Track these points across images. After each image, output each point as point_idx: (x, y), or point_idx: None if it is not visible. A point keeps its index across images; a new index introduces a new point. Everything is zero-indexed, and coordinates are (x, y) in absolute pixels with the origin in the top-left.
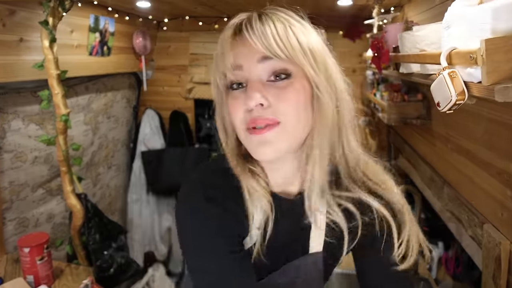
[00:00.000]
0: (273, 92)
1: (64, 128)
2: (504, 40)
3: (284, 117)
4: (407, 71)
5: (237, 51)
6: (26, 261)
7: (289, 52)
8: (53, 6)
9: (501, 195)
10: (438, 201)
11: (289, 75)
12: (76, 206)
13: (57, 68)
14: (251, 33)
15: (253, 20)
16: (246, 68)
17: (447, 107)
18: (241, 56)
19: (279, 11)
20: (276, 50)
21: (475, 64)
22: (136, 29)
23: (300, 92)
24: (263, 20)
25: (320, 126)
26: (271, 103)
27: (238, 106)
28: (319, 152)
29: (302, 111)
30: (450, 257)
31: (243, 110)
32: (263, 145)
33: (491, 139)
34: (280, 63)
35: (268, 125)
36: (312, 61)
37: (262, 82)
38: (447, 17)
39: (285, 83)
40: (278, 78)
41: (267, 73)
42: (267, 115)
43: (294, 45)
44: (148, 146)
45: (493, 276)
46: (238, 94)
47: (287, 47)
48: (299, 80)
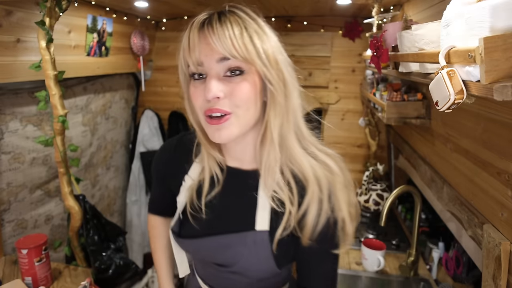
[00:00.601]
0: (228, 87)
1: (61, 129)
2: (502, 38)
3: (237, 109)
4: (406, 70)
5: (200, 49)
6: (24, 263)
7: (244, 54)
8: (50, 6)
9: (501, 195)
10: (438, 201)
11: (243, 72)
12: (74, 207)
13: (54, 68)
14: (211, 34)
15: (214, 21)
16: (207, 65)
17: (445, 106)
18: (202, 54)
19: (237, 9)
20: (233, 52)
21: (474, 63)
22: (134, 29)
23: (252, 87)
24: (222, 21)
25: (272, 115)
26: (226, 96)
27: (199, 95)
28: (271, 136)
29: (253, 102)
30: (450, 258)
31: (202, 99)
32: (218, 131)
33: (491, 138)
34: (235, 62)
35: (223, 115)
36: (265, 61)
37: (219, 77)
38: (446, 15)
39: (239, 79)
40: (233, 74)
41: (223, 70)
42: (222, 107)
43: (249, 47)
44: (147, 147)
45: (493, 277)
46: (199, 84)
47: (242, 50)
48: (251, 75)
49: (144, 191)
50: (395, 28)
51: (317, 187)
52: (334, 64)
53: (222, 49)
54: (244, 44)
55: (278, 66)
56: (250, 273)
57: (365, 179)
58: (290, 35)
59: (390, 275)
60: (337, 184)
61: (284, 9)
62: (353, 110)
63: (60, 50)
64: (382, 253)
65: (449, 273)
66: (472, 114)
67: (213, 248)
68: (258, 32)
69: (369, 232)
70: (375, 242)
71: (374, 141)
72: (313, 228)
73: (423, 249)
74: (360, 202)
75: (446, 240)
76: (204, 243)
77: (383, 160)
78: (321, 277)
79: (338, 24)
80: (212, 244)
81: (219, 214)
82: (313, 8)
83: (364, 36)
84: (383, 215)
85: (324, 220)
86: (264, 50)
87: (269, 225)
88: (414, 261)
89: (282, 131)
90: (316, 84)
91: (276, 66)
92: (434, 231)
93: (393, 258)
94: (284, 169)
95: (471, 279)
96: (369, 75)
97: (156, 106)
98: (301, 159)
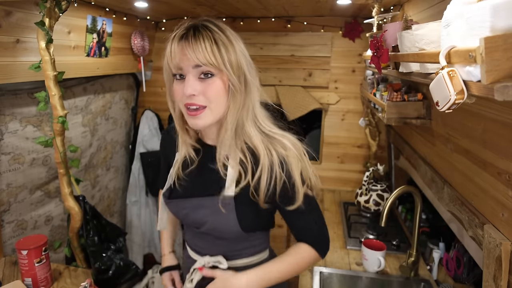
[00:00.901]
0: (202, 86)
1: (61, 130)
2: (503, 38)
3: (209, 103)
4: (407, 71)
5: (179, 56)
6: (24, 264)
7: (213, 62)
8: (50, 6)
9: (501, 195)
10: (439, 201)
11: (213, 75)
12: (74, 208)
13: (54, 69)
14: (187, 47)
15: (190, 36)
16: (185, 70)
17: (446, 106)
18: (181, 61)
19: (210, 23)
20: (204, 61)
21: (474, 63)
22: (134, 30)
23: (220, 86)
24: (196, 36)
25: (232, 107)
26: (200, 93)
27: (180, 91)
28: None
29: (221, 98)
30: (451, 258)
31: (182, 94)
32: (195, 120)
33: (492, 138)
34: (206, 68)
35: (198, 108)
36: (229, 68)
37: (195, 78)
38: (446, 15)
39: (210, 80)
40: (206, 76)
41: (198, 73)
42: (198, 102)
43: (217, 57)
44: (147, 147)
45: (494, 277)
46: (179, 82)
47: (212, 59)
48: (220, 77)
49: (144, 191)
50: (395, 28)
51: (267, 158)
52: (334, 64)
53: (195, 59)
54: (213, 55)
55: (240, 70)
56: (218, 233)
57: (365, 179)
58: (290, 35)
59: (391, 276)
60: (290, 155)
61: (284, 9)
62: (353, 111)
63: (59, 51)
64: (383, 254)
65: (450, 274)
66: (472, 114)
67: (189, 208)
68: (225, 43)
69: (369, 233)
70: (375, 242)
71: (375, 142)
72: (266, 191)
73: (424, 249)
74: (360, 202)
75: (447, 240)
76: (183, 204)
77: (383, 160)
78: (306, 229)
79: (338, 24)
80: (189, 205)
81: (196, 181)
82: (313, 8)
83: (364, 36)
84: (383, 216)
85: (280, 184)
86: (228, 58)
87: (234, 191)
88: (415, 262)
89: (239, 118)
90: (316, 84)
91: (238, 71)
92: (435, 232)
93: (394, 258)
94: (243, 146)
95: (471, 279)
96: (369, 75)
97: (156, 106)
98: (254, 138)
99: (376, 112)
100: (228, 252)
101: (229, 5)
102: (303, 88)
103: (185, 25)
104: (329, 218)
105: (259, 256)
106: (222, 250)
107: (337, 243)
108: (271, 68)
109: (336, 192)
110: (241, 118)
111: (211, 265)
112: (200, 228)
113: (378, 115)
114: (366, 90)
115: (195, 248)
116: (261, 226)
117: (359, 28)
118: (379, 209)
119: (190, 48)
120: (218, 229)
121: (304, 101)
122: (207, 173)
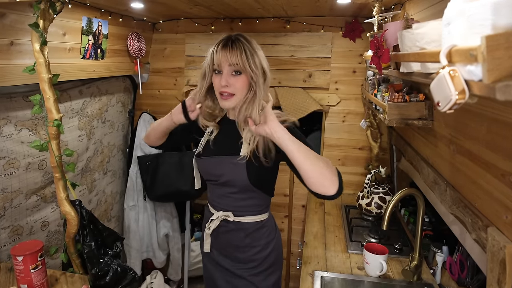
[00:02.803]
0: (232, 80)
1: (56, 133)
2: (505, 36)
3: (236, 92)
4: (408, 71)
5: (215, 57)
6: (19, 270)
7: (243, 66)
8: (44, 8)
9: (505, 197)
10: (442, 204)
11: (241, 73)
12: (70, 213)
13: (49, 71)
14: (226, 52)
15: (229, 45)
16: (222, 69)
17: (447, 106)
18: (221, 63)
19: (241, 37)
20: (236, 64)
21: (476, 62)
22: (130, 31)
23: (245, 81)
24: (232, 46)
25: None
26: (231, 85)
27: (218, 82)
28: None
29: (244, 90)
30: (454, 262)
31: (219, 84)
32: (226, 102)
33: (495, 139)
34: (237, 67)
35: (229, 95)
36: (254, 69)
37: (228, 75)
38: (447, 13)
39: (238, 76)
40: (235, 73)
41: (231, 70)
42: (229, 90)
43: (244, 61)
44: (144, 151)
45: (498, 281)
46: (218, 75)
47: (240, 63)
48: (245, 75)
49: (142, 196)
50: (396, 28)
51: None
52: (334, 65)
53: (230, 61)
54: (241, 60)
55: (261, 70)
56: (232, 183)
57: (367, 182)
58: (289, 35)
59: (393, 280)
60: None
61: (283, 9)
62: (354, 112)
63: (55, 53)
64: (385, 258)
65: (454, 278)
66: (475, 115)
67: (212, 163)
68: (251, 51)
69: (371, 236)
70: (377, 246)
71: (376, 144)
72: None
73: (427, 253)
74: (362, 205)
75: (450, 243)
76: (208, 161)
77: (385, 162)
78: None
79: (338, 24)
80: (212, 161)
81: (220, 145)
82: (313, 8)
83: (365, 36)
84: (385, 219)
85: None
86: (252, 62)
87: (247, 152)
88: (418, 265)
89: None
90: (316, 85)
91: (260, 71)
92: (438, 235)
93: (396, 262)
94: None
95: (476, 283)
96: (370, 76)
97: (153, 109)
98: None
99: (377, 114)
100: (237, 208)
101: (227, 6)
102: (303, 90)
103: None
104: (330, 222)
105: (261, 216)
106: (232, 206)
107: (339, 247)
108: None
109: None
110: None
111: (223, 217)
112: (219, 180)
113: (379, 117)
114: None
115: (213, 203)
116: (264, 184)
117: (359, 28)
118: (381, 212)
119: (228, 53)
120: (232, 180)
121: (304, 102)
122: (227, 140)
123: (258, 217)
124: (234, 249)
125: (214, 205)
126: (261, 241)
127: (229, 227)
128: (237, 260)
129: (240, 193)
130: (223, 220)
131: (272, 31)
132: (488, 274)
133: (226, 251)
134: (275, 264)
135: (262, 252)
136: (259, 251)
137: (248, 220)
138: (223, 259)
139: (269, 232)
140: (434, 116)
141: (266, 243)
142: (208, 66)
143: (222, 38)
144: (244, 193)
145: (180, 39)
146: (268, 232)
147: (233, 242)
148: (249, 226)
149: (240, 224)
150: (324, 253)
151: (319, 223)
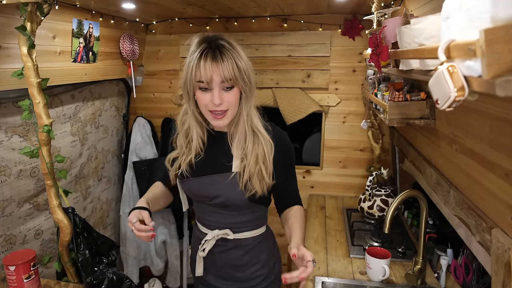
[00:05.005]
0: (226, 96)
1: (47, 139)
2: (504, 29)
3: (230, 107)
4: (407, 68)
5: (203, 73)
6: (12, 280)
7: (236, 80)
8: (31, 10)
9: (509, 198)
10: (445, 205)
11: (232, 87)
12: (63, 221)
13: (38, 76)
14: (217, 67)
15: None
16: (210, 85)
17: (446, 104)
18: (205, 78)
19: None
20: (230, 80)
21: (474, 57)
22: (123, 33)
23: (237, 95)
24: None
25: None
26: (223, 102)
27: (205, 99)
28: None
29: (237, 104)
30: (459, 265)
31: (208, 102)
32: (219, 121)
33: (498, 138)
34: (231, 83)
35: (222, 112)
36: (246, 80)
37: (221, 91)
38: (446, 7)
39: (230, 91)
40: (226, 88)
41: (223, 86)
42: (221, 108)
43: (237, 75)
44: (140, 156)
45: (503, 284)
46: (204, 91)
47: (232, 77)
48: (237, 88)
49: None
50: (395, 24)
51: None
52: (333, 64)
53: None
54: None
55: (250, 80)
56: (228, 203)
57: (368, 184)
58: (286, 35)
59: (396, 285)
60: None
61: (279, 7)
62: (354, 112)
63: (45, 57)
64: (387, 262)
65: (458, 281)
66: (477, 113)
67: (203, 184)
68: (240, 59)
69: (373, 240)
70: (379, 250)
71: (378, 144)
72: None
73: (431, 256)
74: (364, 208)
75: (455, 246)
76: (197, 182)
77: (387, 164)
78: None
79: (336, 22)
80: (202, 182)
81: (207, 161)
82: (310, 5)
83: (365, 34)
84: (387, 222)
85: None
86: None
87: (239, 168)
88: (421, 269)
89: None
90: (315, 85)
91: (249, 81)
92: (442, 237)
93: (399, 266)
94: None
95: (481, 286)
96: (371, 75)
97: (148, 113)
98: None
99: (378, 114)
100: (234, 225)
101: (221, 5)
102: (301, 90)
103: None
104: (332, 226)
105: (259, 230)
106: (229, 223)
107: (340, 251)
108: (268, 70)
109: (339, 198)
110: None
111: (220, 237)
112: (212, 201)
113: (380, 117)
114: (367, 90)
115: (204, 222)
116: (264, 196)
117: (359, 26)
118: (383, 215)
119: (220, 68)
120: (228, 199)
121: (303, 103)
122: (218, 155)
123: (257, 230)
124: (232, 269)
125: (206, 224)
126: (261, 257)
127: (227, 246)
128: (235, 280)
129: (238, 210)
130: (219, 239)
131: (269, 30)
132: (493, 277)
133: (223, 272)
134: (276, 279)
135: (264, 269)
136: (260, 268)
137: (247, 235)
138: (219, 281)
139: (269, 245)
140: (436, 115)
141: (266, 258)
142: (191, 82)
143: (202, 46)
144: (242, 209)
145: (174, 40)
146: (268, 245)
147: (231, 261)
148: (249, 242)
149: (238, 242)
150: (325, 258)
151: (320, 227)
